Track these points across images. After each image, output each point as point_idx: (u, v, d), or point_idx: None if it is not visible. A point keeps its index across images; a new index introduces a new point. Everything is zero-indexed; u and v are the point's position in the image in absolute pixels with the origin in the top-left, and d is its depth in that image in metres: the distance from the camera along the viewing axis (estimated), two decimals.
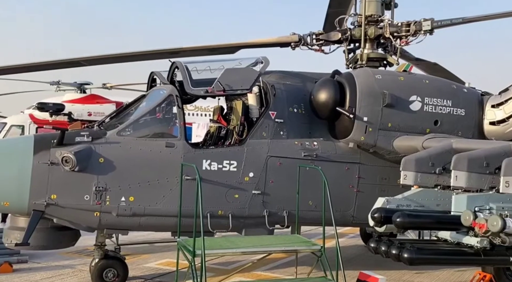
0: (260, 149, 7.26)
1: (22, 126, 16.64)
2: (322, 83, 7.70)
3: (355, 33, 8.60)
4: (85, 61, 8.38)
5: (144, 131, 7.02)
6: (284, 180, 7.32)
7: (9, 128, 16.54)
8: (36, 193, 6.34)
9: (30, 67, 8.89)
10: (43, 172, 6.37)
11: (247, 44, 8.73)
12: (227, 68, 7.47)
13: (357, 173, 7.79)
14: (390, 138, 7.56)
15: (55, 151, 6.41)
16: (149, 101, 7.36)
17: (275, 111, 7.46)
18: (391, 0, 8.86)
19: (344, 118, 7.53)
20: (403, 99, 7.55)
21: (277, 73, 8.10)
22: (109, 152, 6.64)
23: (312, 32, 8.72)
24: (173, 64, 7.53)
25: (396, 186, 7.34)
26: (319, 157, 7.52)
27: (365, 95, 7.44)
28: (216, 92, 7.26)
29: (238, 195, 7.13)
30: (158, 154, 6.83)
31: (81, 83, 18.84)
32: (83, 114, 17.05)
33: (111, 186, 6.59)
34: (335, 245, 6.32)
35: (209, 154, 7.08)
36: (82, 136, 6.62)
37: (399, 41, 8.51)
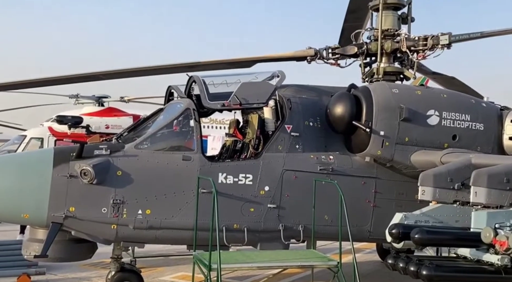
0: (275, 162, 7.25)
1: (41, 138, 16.90)
2: (338, 97, 7.69)
3: (372, 47, 8.60)
4: (104, 75, 8.53)
5: (161, 144, 7.07)
6: (300, 194, 7.29)
7: (29, 140, 16.81)
8: (55, 206, 6.41)
9: (50, 81, 9.07)
10: (62, 184, 6.45)
11: (263, 58, 8.80)
12: (243, 82, 7.51)
13: (374, 188, 7.72)
14: (408, 153, 7.49)
15: (74, 164, 6.49)
16: (167, 114, 7.43)
17: (291, 125, 7.47)
18: (408, 15, 8.86)
19: (360, 132, 7.49)
20: (420, 113, 7.49)
21: (293, 86, 8.12)
22: (127, 165, 6.70)
23: (328, 46, 8.75)
24: (190, 78, 7.62)
25: (414, 202, 7.25)
26: (335, 171, 7.48)
27: (382, 109, 7.41)
28: (232, 105, 7.30)
29: (253, 208, 7.12)
30: (175, 167, 6.87)
31: (99, 96, 19.13)
32: (100, 127, 17.27)
33: (128, 199, 6.64)
34: (351, 260, 6.24)
35: (225, 167, 7.10)
36: (100, 149, 6.69)
37: (416, 55, 8.48)
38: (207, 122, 18.50)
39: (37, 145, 16.71)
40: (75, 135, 16.32)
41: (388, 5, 8.65)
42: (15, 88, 11.41)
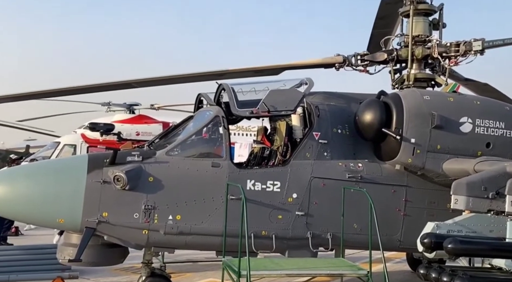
0: (303, 170, 7.24)
1: (74, 145, 17.37)
2: (368, 104, 7.63)
3: (402, 54, 8.50)
4: (136, 83, 8.73)
5: (191, 151, 7.16)
6: (328, 201, 7.24)
7: (62, 147, 17.31)
8: (89, 211, 6.56)
9: (84, 89, 9.35)
10: (96, 190, 6.59)
11: (291, 65, 8.82)
12: (271, 89, 7.55)
13: (404, 196, 7.59)
14: (439, 161, 7.34)
15: (107, 170, 6.64)
16: (196, 122, 7.54)
17: (319, 132, 7.45)
18: (439, 20, 8.73)
19: (390, 139, 7.40)
20: (453, 120, 7.35)
21: (321, 94, 8.10)
22: (158, 171, 6.81)
23: (357, 53, 8.70)
24: (220, 86, 7.71)
25: (445, 211, 7.08)
26: (364, 179, 7.40)
27: (412, 116, 7.30)
28: (261, 113, 7.34)
29: (281, 215, 7.11)
30: (204, 173, 6.94)
31: (130, 104, 19.56)
32: (131, 134, 17.63)
33: (159, 205, 6.73)
34: (380, 270, 6.15)
35: (253, 174, 7.13)
36: (133, 155, 6.83)
37: (448, 61, 8.33)
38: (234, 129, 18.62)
39: (70, 151, 17.18)
40: (107, 142, 16.72)
41: (419, 11, 8.55)
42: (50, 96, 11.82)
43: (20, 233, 14.18)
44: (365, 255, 8.66)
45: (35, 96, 9.79)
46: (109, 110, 20.03)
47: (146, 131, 17.70)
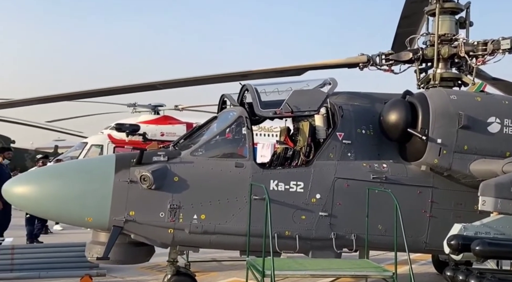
0: (327, 170, 7.21)
1: (101, 145, 17.78)
2: (393, 104, 7.55)
3: (427, 53, 8.37)
4: (161, 84, 8.87)
5: (215, 152, 7.23)
6: (352, 202, 7.20)
7: (90, 147, 17.74)
8: (116, 210, 6.68)
9: (111, 91, 9.55)
10: (123, 189, 6.71)
11: (314, 65, 8.80)
12: (295, 89, 7.55)
13: (430, 197, 7.48)
14: (467, 162, 7.20)
15: (134, 170, 6.75)
16: (220, 122, 7.60)
17: (343, 132, 7.41)
18: (466, 19, 8.56)
19: (416, 140, 7.30)
20: (480, 120, 7.20)
21: (345, 94, 8.06)
22: (183, 171, 6.90)
23: (382, 52, 8.60)
24: (243, 87, 7.75)
25: (473, 212, 6.97)
26: (388, 180, 7.33)
27: (439, 116, 7.19)
28: (284, 113, 7.35)
29: (305, 216, 7.11)
30: (228, 173, 7.00)
31: (155, 105, 19.88)
32: (156, 134, 17.92)
33: (184, 204, 6.82)
34: (405, 271, 6.08)
35: (277, 174, 7.15)
36: (159, 155, 6.93)
37: (475, 60, 8.17)
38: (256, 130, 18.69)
39: (97, 151, 17.58)
40: (133, 142, 17.04)
41: (445, 10, 8.40)
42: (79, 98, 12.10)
43: (49, 232, 14.56)
44: (390, 256, 8.57)
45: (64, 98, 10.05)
46: (134, 111, 20.41)
47: (170, 132, 17.97)
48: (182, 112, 20.29)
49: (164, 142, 12.42)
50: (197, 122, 13.06)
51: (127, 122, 18.41)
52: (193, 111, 20.52)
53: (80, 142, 19.42)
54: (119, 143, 17.58)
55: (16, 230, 12.87)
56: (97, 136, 18.69)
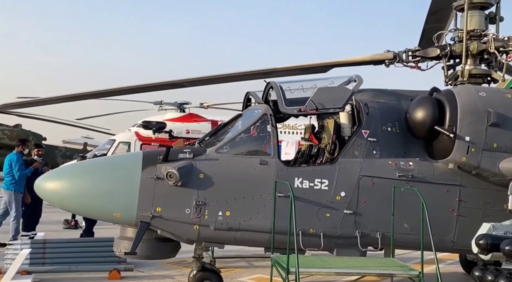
0: (352, 168, 7.18)
1: (128, 143, 18.09)
2: (419, 101, 7.45)
3: (456, 49, 8.21)
4: (187, 82, 8.99)
5: (240, 149, 7.28)
6: (377, 200, 7.15)
7: (118, 144, 18.08)
8: (143, 206, 6.81)
9: (138, 89, 9.74)
10: (150, 186, 6.84)
11: (339, 62, 8.74)
12: (319, 87, 7.54)
13: (458, 196, 7.36)
14: (496, 160, 7.05)
15: (160, 167, 6.87)
16: (245, 120, 7.65)
17: (368, 130, 7.35)
18: (496, 14, 8.35)
19: (443, 137, 7.19)
20: (510, 118, 7.04)
21: (371, 91, 7.98)
22: (208, 168, 6.98)
23: (408, 49, 8.48)
24: (268, 84, 7.78)
25: (502, 212, 6.83)
26: (415, 178, 7.24)
27: (467, 113, 7.06)
28: (309, 111, 7.35)
29: (329, 214, 7.09)
30: (252, 171, 7.05)
31: (181, 103, 20.10)
32: (182, 132, 18.12)
33: (209, 201, 6.90)
34: (431, 271, 6.01)
35: (301, 172, 7.15)
36: (184, 153, 7.03)
37: (505, 56, 7.96)
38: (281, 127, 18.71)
39: (124, 149, 17.90)
40: (159, 140, 17.27)
41: (474, 5, 8.20)
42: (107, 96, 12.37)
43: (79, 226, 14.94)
44: (416, 256, 8.48)
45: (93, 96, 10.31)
46: (161, 109, 20.67)
47: (195, 129, 18.15)
48: (207, 109, 20.45)
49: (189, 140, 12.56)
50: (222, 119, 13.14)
51: (153, 120, 18.68)
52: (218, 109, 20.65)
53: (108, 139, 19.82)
54: (146, 140, 17.86)
55: (47, 224, 13.27)
56: (124, 133, 19.03)
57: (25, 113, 20.78)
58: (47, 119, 22.57)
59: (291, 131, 21.08)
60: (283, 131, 20.33)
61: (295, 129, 20.57)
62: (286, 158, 10.21)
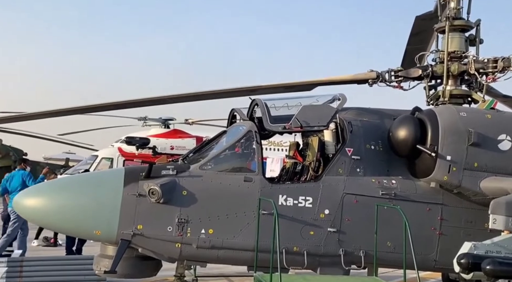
0: (336, 185, 7.20)
1: (111, 158, 17.93)
2: (402, 120, 7.55)
3: (437, 70, 8.38)
4: (171, 98, 8.96)
5: (224, 166, 7.26)
6: (361, 218, 7.16)
7: (100, 160, 17.90)
8: (124, 223, 6.71)
9: (122, 105, 9.66)
10: (131, 203, 6.75)
11: (323, 81, 8.83)
12: (304, 105, 7.59)
13: (440, 215, 7.42)
14: (477, 179, 7.15)
15: (143, 184, 6.80)
16: (230, 136, 7.65)
17: (352, 148, 7.41)
18: (476, 36, 8.58)
19: (425, 156, 7.28)
20: (490, 138, 7.17)
21: (354, 109, 8.08)
22: (192, 185, 6.93)
23: (391, 69, 8.62)
24: (253, 101, 7.82)
25: (483, 231, 6.89)
26: (398, 196, 7.29)
27: (448, 133, 7.18)
28: (293, 128, 7.38)
29: (313, 232, 7.08)
30: (236, 188, 7.02)
31: (166, 119, 20.07)
32: (166, 148, 18.05)
33: (192, 218, 6.83)
34: None
35: (285, 189, 7.15)
36: (167, 169, 6.97)
37: (485, 77, 8.16)
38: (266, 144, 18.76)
39: (107, 165, 17.72)
40: (142, 156, 17.16)
41: (455, 27, 8.42)
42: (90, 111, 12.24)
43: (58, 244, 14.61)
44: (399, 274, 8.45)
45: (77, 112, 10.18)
46: (145, 125, 20.59)
47: (180, 145, 18.10)
48: (192, 126, 20.43)
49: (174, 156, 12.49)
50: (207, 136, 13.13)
51: (137, 136, 18.57)
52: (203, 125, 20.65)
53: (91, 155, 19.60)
54: (129, 156, 17.72)
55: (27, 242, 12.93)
56: (107, 149, 18.86)
57: (6, 128, 20.46)
58: (29, 134, 22.25)
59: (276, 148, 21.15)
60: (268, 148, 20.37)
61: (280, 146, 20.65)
62: (271, 175, 10.21)
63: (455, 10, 8.40)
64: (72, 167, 20.19)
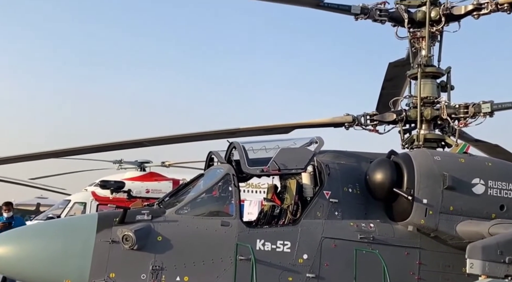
0: (314, 229, 7.12)
1: (84, 203, 17.45)
2: (378, 163, 7.62)
3: (411, 114, 8.60)
4: (148, 141, 8.90)
5: (201, 210, 7.12)
6: (340, 263, 7.05)
7: (73, 205, 17.38)
8: (96, 272, 6.45)
9: (97, 148, 9.54)
10: (104, 250, 6.52)
11: (301, 124, 8.96)
12: (282, 147, 7.61)
13: (418, 259, 7.36)
14: (453, 223, 7.18)
15: (116, 229, 6.59)
16: (207, 179, 7.56)
17: (330, 191, 7.39)
18: (447, 83, 8.90)
19: (402, 199, 7.31)
20: (465, 181, 7.27)
21: (332, 152, 8.14)
22: (167, 230, 6.75)
23: (366, 113, 8.83)
24: (231, 144, 7.80)
25: (461, 275, 6.86)
26: (376, 240, 7.23)
27: (423, 176, 7.26)
28: (271, 171, 7.35)
29: (292, 278, 6.90)
30: (213, 232, 6.85)
31: (142, 162, 19.81)
32: (141, 191, 17.71)
33: (167, 265, 6.60)
34: None
35: (263, 233, 7.02)
36: (142, 214, 6.79)
37: (457, 122, 8.40)
38: (244, 186, 18.61)
39: (80, 209, 17.21)
40: (117, 200, 16.76)
41: (427, 74, 8.73)
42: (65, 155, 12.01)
43: None
44: None
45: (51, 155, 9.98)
46: (120, 168, 20.26)
47: (156, 189, 17.79)
48: (169, 168, 20.21)
49: (149, 199, 12.24)
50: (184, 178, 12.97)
51: (112, 179, 18.20)
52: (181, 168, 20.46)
53: (63, 199, 19.04)
54: (103, 200, 17.28)
55: None
56: (80, 193, 18.40)
57: None
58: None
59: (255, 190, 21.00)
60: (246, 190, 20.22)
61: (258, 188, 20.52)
62: (249, 218, 10.07)
63: (426, 58, 8.77)
64: (43, 213, 19.51)
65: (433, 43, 8.90)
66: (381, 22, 8.85)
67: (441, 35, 8.91)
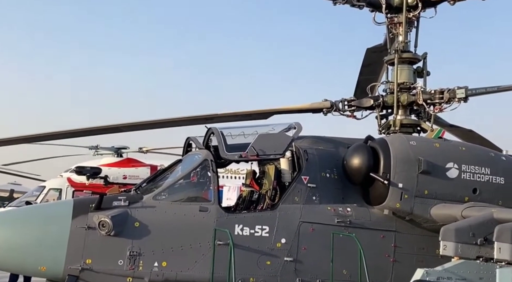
0: (292, 214, 7.18)
1: (59, 189, 17.12)
2: (355, 148, 7.71)
3: (388, 100, 8.70)
4: (125, 127, 8.76)
5: (179, 195, 7.10)
6: (317, 247, 7.15)
7: (48, 191, 17.03)
8: (72, 258, 6.39)
9: (72, 133, 9.34)
10: (80, 236, 6.46)
11: (280, 110, 8.96)
12: (260, 133, 7.62)
13: (393, 242, 7.53)
14: (427, 206, 7.35)
15: (92, 216, 6.52)
16: (185, 165, 7.52)
17: (308, 176, 7.45)
18: (423, 68, 9.01)
19: (378, 184, 7.42)
20: (439, 166, 7.42)
21: (310, 138, 8.18)
22: (145, 216, 6.71)
23: (344, 99, 8.89)
24: (209, 130, 7.75)
25: (435, 257, 7.02)
26: (353, 224, 7.35)
27: (399, 161, 7.37)
28: (250, 157, 7.36)
29: (270, 261, 6.98)
30: (191, 218, 6.85)
31: (118, 148, 19.50)
32: (118, 177, 17.46)
33: (145, 251, 6.59)
34: None
35: (242, 218, 7.05)
36: (119, 200, 6.74)
37: (432, 108, 8.53)
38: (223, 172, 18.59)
39: (55, 196, 16.90)
40: (93, 186, 16.51)
41: (403, 60, 8.84)
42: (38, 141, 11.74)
43: None
44: None
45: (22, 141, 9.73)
46: (96, 154, 19.91)
47: (133, 175, 17.57)
48: (147, 154, 19.98)
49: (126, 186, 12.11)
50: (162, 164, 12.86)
51: (88, 165, 17.90)
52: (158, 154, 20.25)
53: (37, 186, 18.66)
54: (79, 187, 17.00)
55: None
56: (55, 179, 18.03)
57: None
58: None
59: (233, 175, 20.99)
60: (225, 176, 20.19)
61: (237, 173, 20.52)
62: (228, 203, 10.07)
63: (403, 44, 8.85)
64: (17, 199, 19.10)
65: (410, 29, 8.99)
66: (359, 7, 8.88)
67: (417, 21, 9.00)
